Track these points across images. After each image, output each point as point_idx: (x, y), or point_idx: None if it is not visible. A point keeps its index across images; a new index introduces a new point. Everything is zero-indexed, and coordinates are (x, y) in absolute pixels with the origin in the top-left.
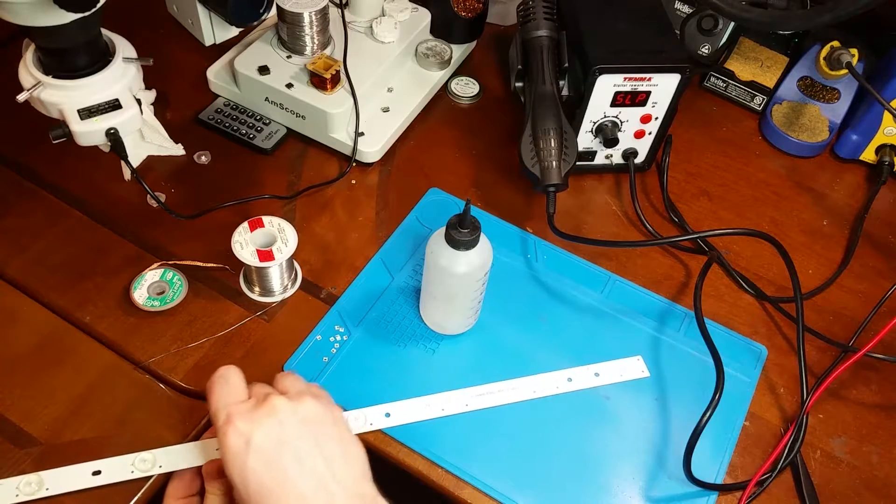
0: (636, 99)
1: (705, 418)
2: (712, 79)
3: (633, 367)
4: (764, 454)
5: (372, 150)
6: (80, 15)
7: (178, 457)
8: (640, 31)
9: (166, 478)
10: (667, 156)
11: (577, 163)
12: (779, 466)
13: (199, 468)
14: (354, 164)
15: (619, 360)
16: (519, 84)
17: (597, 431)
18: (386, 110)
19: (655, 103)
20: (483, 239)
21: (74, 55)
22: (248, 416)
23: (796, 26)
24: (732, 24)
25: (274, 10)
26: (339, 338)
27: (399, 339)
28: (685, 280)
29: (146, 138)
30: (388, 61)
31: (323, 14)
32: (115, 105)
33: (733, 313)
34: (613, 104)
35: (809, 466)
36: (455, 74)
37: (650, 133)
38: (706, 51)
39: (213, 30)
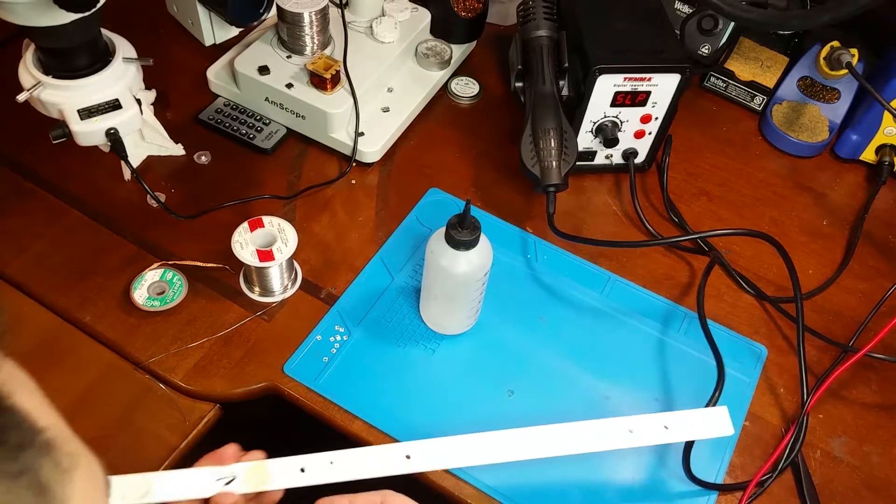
0: (636, 99)
1: None
2: (712, 79)
3: (716, 421)
4: (764, 454)
5: (372, 150)
6: (79, 15)
7: (172, 484)
8: (640, 31)
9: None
10: (667, 156)
11: (577, 163)
12: (780, 466)
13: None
14: (354, 164)
15: (696, 411)
16: (519, 84)
17: None
18: (386, 110)
19: (655, 103)
20: (483, 239)
21: (74, 55)
22: None
23: (796, 26)
24: (732, 24)
25: (274, 10)
26: (339, 338)
27: (399, 339)
28: (685, 280)
29: (146, 138)
30: (388, 61)
31: (323, 14)
32: (115, 105)
33: (733, 313)
34: (613, 104)
35: (809, 466)
36: (455, 74)
37: (650, 133)
38: (706, 51)
39: (213, 30)
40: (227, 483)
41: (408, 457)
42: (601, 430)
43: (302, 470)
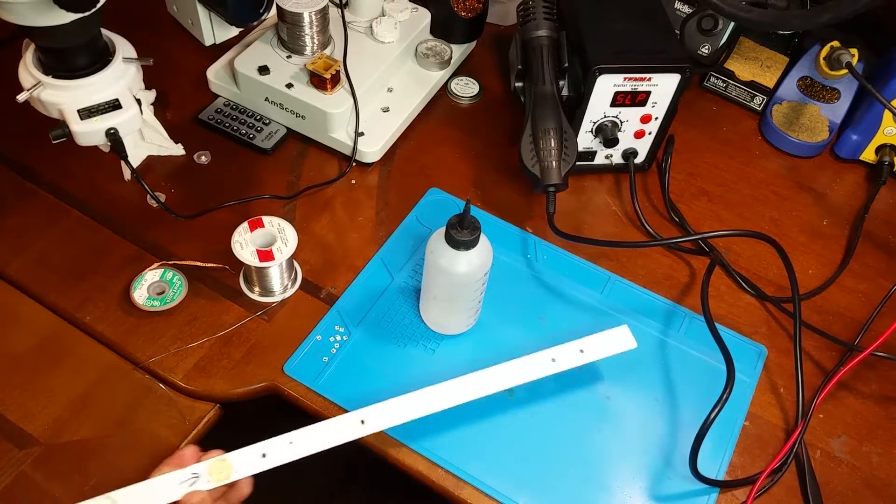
0: (636, 99)
1: (713, 415)
2: (712, 79)
3: (620, 339)
4: (764, 454)
5: (372, 150)
6: (79, 15)
7: (137, 498)
8: (639, 31)
9: None
10: (668, 156)
11: (577, 163)
12: (787, 463)
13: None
14: (354, 164)
15: (604, 332)
16: (519, 84)
17: (597, 431)
18: (386, 110)
19: (655, 103)
20: (483, 239)
21: (74, 55)
22: None
23: (796, 26)
24: (732, 24)
25: (274, 10)
26: (339, 338)
27: (399, 339)
28: (685, 280)
29: (146, 138)
30: (388, 61)
31: (323, 14)
32: (115, 105)
33: (733, 313)
34: (613, 104)
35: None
36: (455, 74)
37: (650, 133)
38: (706, 51)
39: (213, 30)
40: (192, 484)
41: (362, 421)
42: (528, 364)
43: (263, 455)
